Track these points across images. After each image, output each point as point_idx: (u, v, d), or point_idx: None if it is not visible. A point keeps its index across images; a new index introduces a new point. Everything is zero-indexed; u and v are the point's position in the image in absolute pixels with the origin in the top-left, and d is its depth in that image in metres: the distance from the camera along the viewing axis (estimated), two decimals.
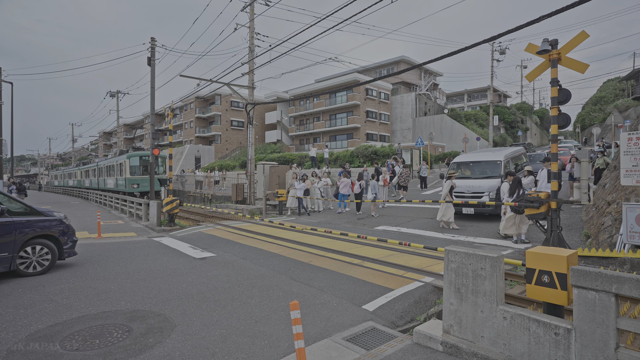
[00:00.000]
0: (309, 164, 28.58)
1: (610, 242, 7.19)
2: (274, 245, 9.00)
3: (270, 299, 5.15)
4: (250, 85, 19.18)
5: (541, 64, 7.48)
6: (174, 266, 6.96)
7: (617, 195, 7.84)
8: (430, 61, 9.42)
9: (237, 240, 9.80)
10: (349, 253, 7.80)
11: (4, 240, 5.93)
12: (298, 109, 46.83)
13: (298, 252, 8.16)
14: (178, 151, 49.89)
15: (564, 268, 3.14)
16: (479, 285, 3.40)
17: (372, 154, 26.23)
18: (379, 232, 10.40)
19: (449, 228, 10.29)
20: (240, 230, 11.39)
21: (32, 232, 6.31)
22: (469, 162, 12.02)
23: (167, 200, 12.43)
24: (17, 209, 6.36)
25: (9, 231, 5.98)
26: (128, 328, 4.06)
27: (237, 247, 8.89)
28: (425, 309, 4.94)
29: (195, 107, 54.25)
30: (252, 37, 18.97)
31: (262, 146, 49.85)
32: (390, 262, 6.87)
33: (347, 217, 13.45)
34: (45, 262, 6.48)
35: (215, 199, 22.52)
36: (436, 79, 52.84)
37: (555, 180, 7.21)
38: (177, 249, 8.65)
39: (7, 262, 5.98)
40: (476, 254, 3.43)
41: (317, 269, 6.69)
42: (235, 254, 8.07)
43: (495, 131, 43.21)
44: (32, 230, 6.32)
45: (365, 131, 40.51)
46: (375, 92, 41.97)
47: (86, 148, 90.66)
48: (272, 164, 18.54)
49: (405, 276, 6.02)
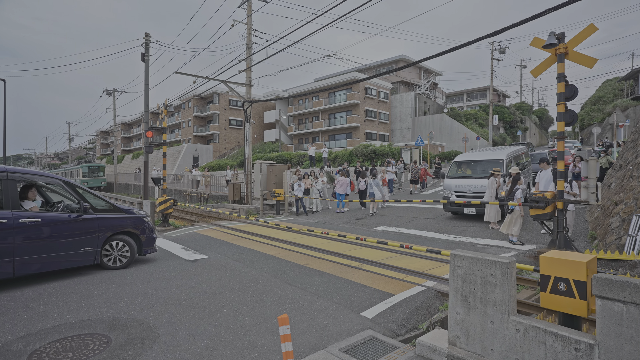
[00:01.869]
0: (307, 164, 28.28)
1: (618, 244, 6.91)
2: (270, 246, 8.70)
3: (263, 305, 4.85)
4: (247, 83, 18.86)
5: (547, 59, 7.19)
6: (163, 269, 6.64)
7: (624, 195, 7.56)
8: (429, 58, 9.18)
9: (232, 241, 9.49)
10: (347, 255, 7.50)
11: (89, 236, 6.22)
12: (297, 108, 46.50)
13: (294, 253, 7.86)
14: (176, 150, 49.52)
15: (583, 275, 2.84)
16: (488, 294, 3.10)
17: (371, 153, 25.95)
18: (378, 233, 10.11)
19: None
20: (236, 231, 11.08)
21: (114, 229, 6.58)
22: (470, 161, 11.73)
23: (160, 199, 12.10)
24: (102, 206, 6.60)
25: (92, 227, 6.27)
26: (107, 339, 3.75)
27: (231, 248, 8.58)
28: (428, 315, 4.64)
29: (193, 106, 53.84)
30: (249, 34, 18.65)
31: (261, 145, 49.52)
32: (390, 265, 6.57)
33: (346, 218, 13.15)
34: (124, 258, 6.72)
35: (212, 199, 22.19)
36: (435, 78, 52.58)
37: (562, 179, 6.92)
38: (169, 251, 8.33)
39: (91, 255, 6.31)
40: (485, 259, 3.13)
41: (314, 272, 6.39)
42: (228, 256, 7.76)
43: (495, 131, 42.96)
44: (114, 227, 6.60)
45: (364, 130, 40.22)
46: (375, 91, 41.67)
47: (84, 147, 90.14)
48: (269, 163, 18.22)
49: (406, 280, 5.72)
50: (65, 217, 5.98)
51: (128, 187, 40.17)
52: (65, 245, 5.93)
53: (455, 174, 11.71)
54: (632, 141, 10.03)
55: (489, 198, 9.72)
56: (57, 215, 5.93)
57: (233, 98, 51.41)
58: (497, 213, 9.75)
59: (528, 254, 7.29)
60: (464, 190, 10.88)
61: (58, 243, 5.84)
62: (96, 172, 42.64)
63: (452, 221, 11.08)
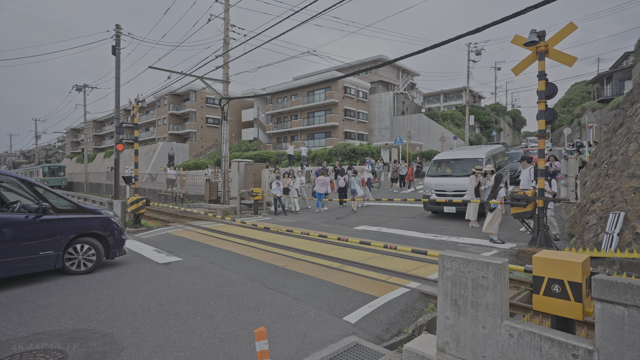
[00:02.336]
0: (286, 162, 27.93)
1: (596, 241, 6.98)
2: (247, 247, 8.36)
3: (239, 310, 4.54)
4: (224, 80, 18.36)
5: (528, 57, 7.19)
6: (133, 273, 6.21)
7: (601, 194, 7.67)
8: (406, 56, 9.16)
9: (207, 242, 9.09)
10: (327, 256, 7.27)
11: (49, 238, 5.73)
12: (275, 106, 45.98)
13: (273, 255, 7.56)
14: (151, 149, 48.05)
15: (578, 276, 2.70)
16: (480, 297, 2.93)
17: (350, 152, 25.86)
18: (358, 233, 9.93)
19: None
20: (212, 232, 10.66)
21: (78, 231, 6.10)
22: (450, 160, 11.74)
23: (132, 199, 11.52)
24: (64, 206, 6.15)
25: (53, 229, 5.78)
26: (62, 355, 3.36)
27: (206, 250, 8.19)
28: (413, 318, 4.46)
29: (169, 104, 52.38)
30: (226, 29, 18.15)
31: (239, 144, 48.73)
32: (372, 266, 6.38)
33: (325, 217, 12.93)
34: (90, 262, 6.25)
35: (187, 198, 21.52)
36: (413, 78, 53.17)
37: (542, 177, 6.93)
38: (140, 253, 7.86)
39: (52, 260, 5.82)
40: (477, 260, 2.96)
41: (293, 274, 6.12)
42: (203, 258, 7.38)
43: (471, 131, 43.84)
44: (78, 229, 6.11)
45: (343, 129, 40.17)
46: (354, 90, 41.70)
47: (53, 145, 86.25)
48: (247, 161, 17.79)
49: (389, 281, 5.54)
50: (21, 218, 5.47)
51: (100, 186, 38.61)
52: (21, 248, 5.42)
53: (435, 172, 11.70)
54: (605, 140, 10.27)
55: (469, 196, 9.71)
56: (11, 216, 5.42)
57: (210, 96, 50.37)
58: (476, 211, 9.77)
59: (509, 253, 7.27)
60: (444, 189, 10.86)
61: (13, 246, 5.34)
62: (56, 172, 41.60)
63: (433, 220, 11.05)
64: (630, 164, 7.11)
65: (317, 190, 14.32)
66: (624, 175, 7.14)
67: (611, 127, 10.39)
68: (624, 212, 6.72)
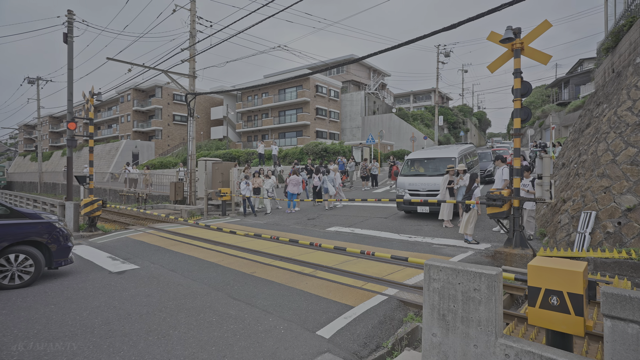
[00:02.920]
0: (256, 161, 27.21)
1: (568, 241, 6.97)
2: (213, 252, 7.78)
3: (200, 327, 4.03)
4: (191, 74, 17.48)
5: (503, 54, 7.07)
6: (79, 285, 5.51)
7: (572, 193, 7.70)
8: (379, 52, 8.97)
9: (169, 247, 8.41)
10: (299, 260, 6.83)
11: None
12: (246, 104, 44.93)
13: (240, 260, 7.03)
14: (113, 147, 45.66)
15: (579, 287, 2.42)
16: (471, 312, 2.60)
17: (322, 151, 25.53)
18: (331, 234, 9.56)
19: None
20: (175, 235, 9.95)
21: (11, 238, 5.34)
22: (423, 159, 11.61)
23: (85, 200, 10.57)
24: None
25: None
26: None
27: (167, 255, 7.54)
28: (392, 330, 4.12)
29: (133, 99, 49.98)
30: (193, 21, 17.27)
31: (207, 143, 47.24)
32: (346, 271, 6.01)
33: (297, 218, 12.48)
34: (26, 275, 5.45)
35: (151, 199, 20.40)
36: (384, 78, 53.65)
37: (518, 177, 6.83)
38: (91, 261, 7.10)
39: None
40: (468, 270, 2.63)
41: (262, 281, 5.64)
42: (163, 265, 6.74)
43: (440, 131, 44.71)
44: (12, 236, 5.35)
45: (315, 128, 39.82)
46: (325, 89, 41.43)
47: (4, 142, 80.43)
48: (215, 160, 17.03)
49: (365, 288, 5.18)
50: None
51: (55, 187, 36.18)
52: None
53: (408, 172, 11.53)
54: (572, 140, 10.46)
55: (442, 196, 9.58)
56: None
57: (177, 92, 48.50)
58: (450, 211, 9.66)
59: (484, 254, 7.12)
60: (417, 189, 10.69)
61: None
62: None
63: (406, 220, 10.87)
64: (600, 163, 7.15)
65: (290, 191, 13.86)
66: (594, 174, 7.17)
67: (577, 127, 10.60)
68: (595, 212, 6.73)
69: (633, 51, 8.17)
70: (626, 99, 7.33)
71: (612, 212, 6.50)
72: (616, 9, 10.90)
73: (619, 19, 10.10)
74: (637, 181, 6.45)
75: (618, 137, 7.03)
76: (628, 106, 7.21)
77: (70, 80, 12.41)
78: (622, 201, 6.45)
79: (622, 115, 7.19)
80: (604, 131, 7.49)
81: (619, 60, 9.28)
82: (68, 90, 12.33)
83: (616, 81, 8.62)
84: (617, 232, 6.31)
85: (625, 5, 9.86)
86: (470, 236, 7.99)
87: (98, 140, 58.04)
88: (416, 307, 4.56)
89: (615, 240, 6.28)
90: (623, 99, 7.37)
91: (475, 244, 7.87)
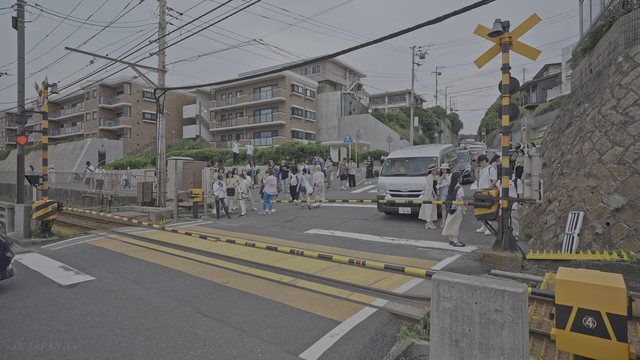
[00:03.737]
0: (230, 161, 26.31)
1: (556, 242, 6.76)
2: (182, 259, 7.08)
3: (161, 354, 3.41)
4: (160, 68, 16.50)
5: (491, 49, 6.78)
6: (18, 304, 4.72)
7: (557, 193, 7.53)
8: (350, 49, 8.77)
9: (133, 253, 7.63)
10: (277, 267, 6.27)
11: None
12: (220, 103, 43.66)
13: (212, 268, 6.39)
14: (77, 145, 43.25)
15: (621, 307, 2.02)
16: (492, 338, 2.15)
17: (298, 151, 24.98)
18: (310, 237, 9.04)
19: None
20: (141, 240, 9.14)
21: None
22: (404, 159, 11.29)
23: (38, 203, 9.55)
24: None
25: None
26: None
27: (130, 264, 6.78)
28: (385, 349, 3.65)
29: (99, 96, 47.58)
30: (162, 12, 16.32)
31: (180, 142, 45.64)
32: (329, 279, 5.51)
33: (273, 220, 11.88)
34: None
35: (117, 201, 19.18)
36: (360, 79, 53.69)
37: (507, 176, 6.56)
38: (39, 272, 6.25)
39: None
40: (487, 287, 2.18)
41: (236, 293, 5.05)
42: (124, 275, 6.01)
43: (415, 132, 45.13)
44: None
45: (290, 128, 39.18)
46: (301, 88, 40.87)
47: None
48: (186, 159, 16.14)
49: (351, 299, 4.69)
50: None
51: (11, 188, 33.72)
52: None
53: (389, 171, 11.18)
54: (552, 140, 10.42)
55: (428, 196, 9.27)
56: None
57: (148, 89, 46.56)
58: (433, 212, 9.36)
59: (472, 257, 6.81)
60: (399, 189, 10.34)
61: None
62: None
63: (388, 222, 10.50)
64: (586, 162, 7.00)
65: (267, 191, 13.22)
66: (580, 174, 7.01)
67: (557, 127, 10.58)
68: (583, 212, 6.55)
69: (613, 50, 8.13)
70: (610, 97, 7.23)
71: (600, 212, 6.33)
72: (592, 11, 10.98)
73: (596, 20, 10.15)
74: (624, 180, 6.31)
75: (603, 136, 6.90)
76: (612, 105, 7.11)
77: (22, 69, 11.25)
78: (610, 201, 6.29)
79: (607, 114, 7.07)
80: (589, 130, 7.36)
81: (597, 60, 9.27)
82: (19, 82, 11.17)
83: (597, 80, 8.57)
84: (606, 233, 6.14)
85: (602, 6, 9.89)
86: (456, 238, 7.68)
87: (61, 138, 54.95)
88: (409, 320, 4.12)
89: (604, 242, 6.11)
90: (607, 97, 7.26)
91: (461, 246, 7.57)
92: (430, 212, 9.32)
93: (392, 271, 5.33)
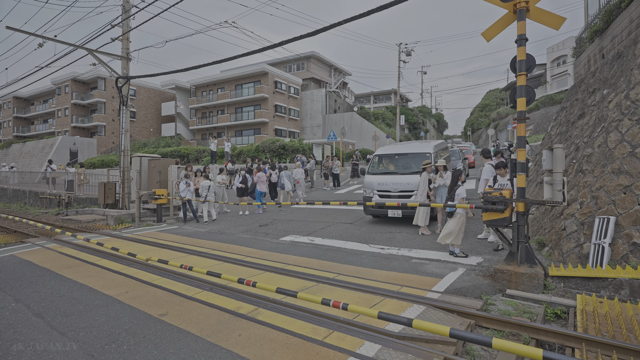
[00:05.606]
0: (207, 159, 24.69)
1: (580, 253, 5.57)
2: (121, 277, 5.61)
3: None
4: (124, 55, 14.86)
5: (503, 17, 5.54)
6: None
7: (577, 194, 6.35)
8: (316, 32, 7.25)
9: (62, 270, 6.11)
10: (237, 290, 4.88)
11: None
12: (200, 100, 41.77)
13: (153, 291, 4.95)
14: (47, 144, 40.68)
15: None
16: None
17: (280, 149, 23.55)
18: (286, 245, 7.67)
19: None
20: (83, 250, 7.61)
21: None
22: (394, 155, 10.02)
23: None
24: None
25: None
26: None
27: (49, 285, 5.28)
28: None
29: (71, 92, 45.02)
30: None
31: (157, 140, 43.61)
32: (302, 308, 4.15)
33: (246, 224, 10.45)
34: None
35: (77, 202, 17.39)
36: (345, 77, 52.53)
37: (523, 173, 5.33)
38: None
39: None
40: None
41: (171, 333, 3.65)
42: (30, 305, 4.52)
43: (401, 131, 44.19)
44: None
45: (273, 126, 37.65)
46: (285, 85, 39.39)
47: None
48: (152, 156, 14.55)
49: (328, 343, 3.34)
50: None
51: None
52: None
53: (377, 169, 9.88)
54: (559, 134, 9.31)
55: (422, 197, 8.01)
56: None
57: None
58: (427, 215, 8.12)
59: (480, 272, 5.56)
60: (388, 189, 9.05)
61: None
62: None
63: (375, 226, 9.22)
64: (614, 157, 5.84)
65: (259, 189, 12.20)
66: (607, 170, 5.85)
67: (563, 119, 9.49)
68: (614, 217, 5.37)
69: (636, 28, 7.03)
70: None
71: (637, 217, 5.16)
72: None
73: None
74: None
75: (635, 125, 5.75)
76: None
77: None
78: None
79: (638, 99, 5.93)
80: (614, 119, 6.21)
81: (612, 42, 8.19)
82: None
83: (615, 63, 7.47)
84: None
85: None
86: (458, 247, 6.42)
87: (31, 136, 51.99)
88: None
89: None
90: (636, 79, 6.13)
91: (464, 257, 6.32)
92: (424, 215, 8.07)
93: (384, 296, 4.00)
